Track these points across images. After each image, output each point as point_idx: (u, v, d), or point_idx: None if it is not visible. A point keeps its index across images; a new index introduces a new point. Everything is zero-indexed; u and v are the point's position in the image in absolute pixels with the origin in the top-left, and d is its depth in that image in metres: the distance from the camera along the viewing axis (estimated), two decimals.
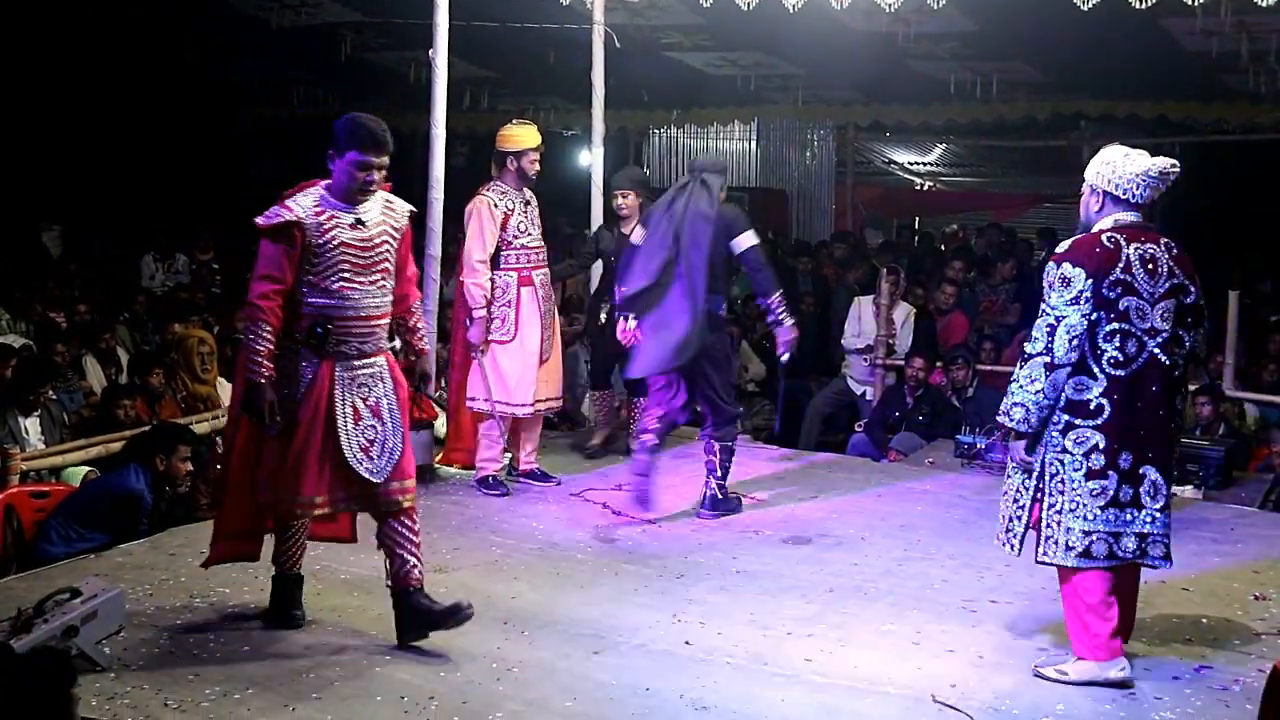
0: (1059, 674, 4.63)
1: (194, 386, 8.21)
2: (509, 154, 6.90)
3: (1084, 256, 4.48)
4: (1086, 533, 4.52)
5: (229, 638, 4.79)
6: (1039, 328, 4.51)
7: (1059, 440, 4.53)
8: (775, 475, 7.61)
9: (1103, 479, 4.51)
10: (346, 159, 4.61)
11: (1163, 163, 4.60)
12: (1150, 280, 4.50)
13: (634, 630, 4.98)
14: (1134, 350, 4.49)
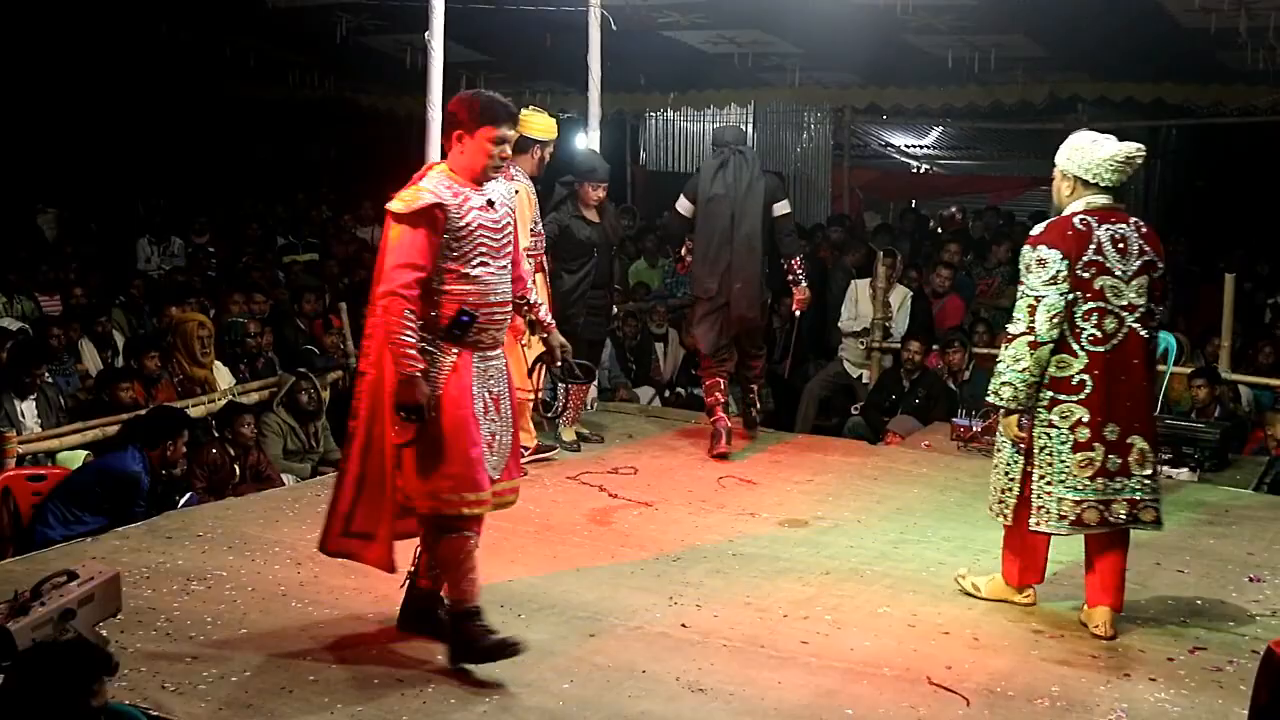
0: (974, 588, 5.19)
1: (191, 370, 8.22)
2: (536, 141, 6.93)
3: (1057, 239, 4.71)
4: (1078, 502, 4.78)
5: (226, 621, 4.80)
6: (1020, 308, 4.75)
7: (1045, 415, 4.78)
8: (771, 458, 7.62)
9: (1089, 450, 4.75)
10: (480, 135, 4.38)
11: (1129, 148, 4.83)
12: (1122, 259, 4.75)
13: (630, 613, 4.99)
14: (1113, 327, 4.73)
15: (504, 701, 4.21)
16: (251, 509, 6.32)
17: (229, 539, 5.76)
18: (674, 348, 10.80)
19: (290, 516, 6.14)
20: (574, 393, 7.74)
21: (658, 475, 7.14)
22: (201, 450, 6.95)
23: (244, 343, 9.02)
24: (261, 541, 5.73)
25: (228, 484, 7.02)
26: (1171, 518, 6.44)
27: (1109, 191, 4.82)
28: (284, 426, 7.94)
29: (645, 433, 8.16)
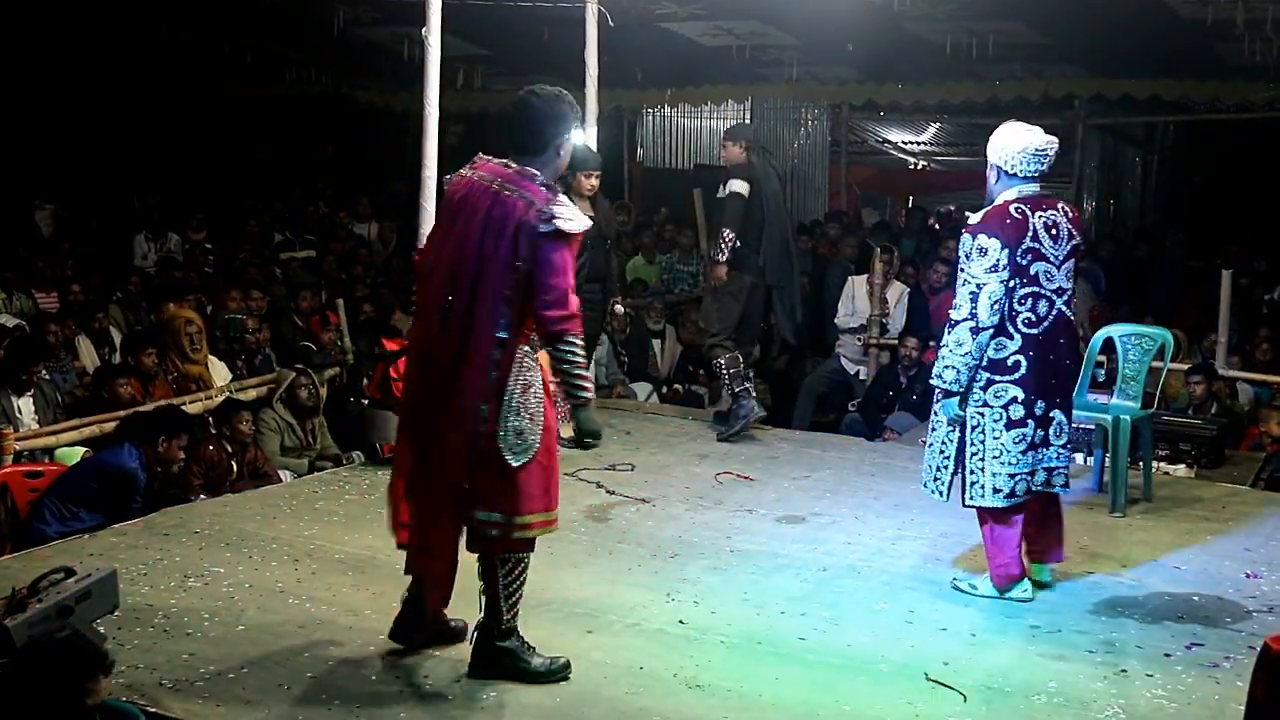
0: (970, 586, 5.25)
1: (184, 367, 8.20)
2: None
3: (997, 228, 4.94)
4: (1011, 476, 5.05)
5: (224, 617, 4.79)
6: (962, 295, 4.97)
7: (980, 395, 5.04)
8: (769, 455, 7.62)
9: (1023, 427, 5.03)
10: (569, 139, 4.28)
11: (1040, 141, 5.03)
12: (1054, 244, 5.02)
13: (628, 609, 4.99)
14: (1045, 310, 5.01)
15: (502, 698, 4.20)
16: (249, 506, 6.31)
17: (226, 536, 5.75)
18: (671, 343, 10.80)
19: (288, 513, 6.13)
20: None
21: (655, 472, 7.14)
22: (199, 447, 6.94)
23: (241, 339, 9.01)
24: (259, 538, 5.72)
25: (225, 481, 7.01)
26: (1168, 514, 6.48)
27: (1035, 180, 5.05)
28: (281, 423, 7.93)
29: (643, 429, 8.16)
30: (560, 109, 4.20)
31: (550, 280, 4.05)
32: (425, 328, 4.25)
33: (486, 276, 4.07)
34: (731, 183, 7.80)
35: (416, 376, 4.36)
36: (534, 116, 4.17)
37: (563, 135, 4.21)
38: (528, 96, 4.23)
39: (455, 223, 4.17)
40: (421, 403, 4.27)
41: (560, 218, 4.06)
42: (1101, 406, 6.77)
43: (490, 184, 4.13)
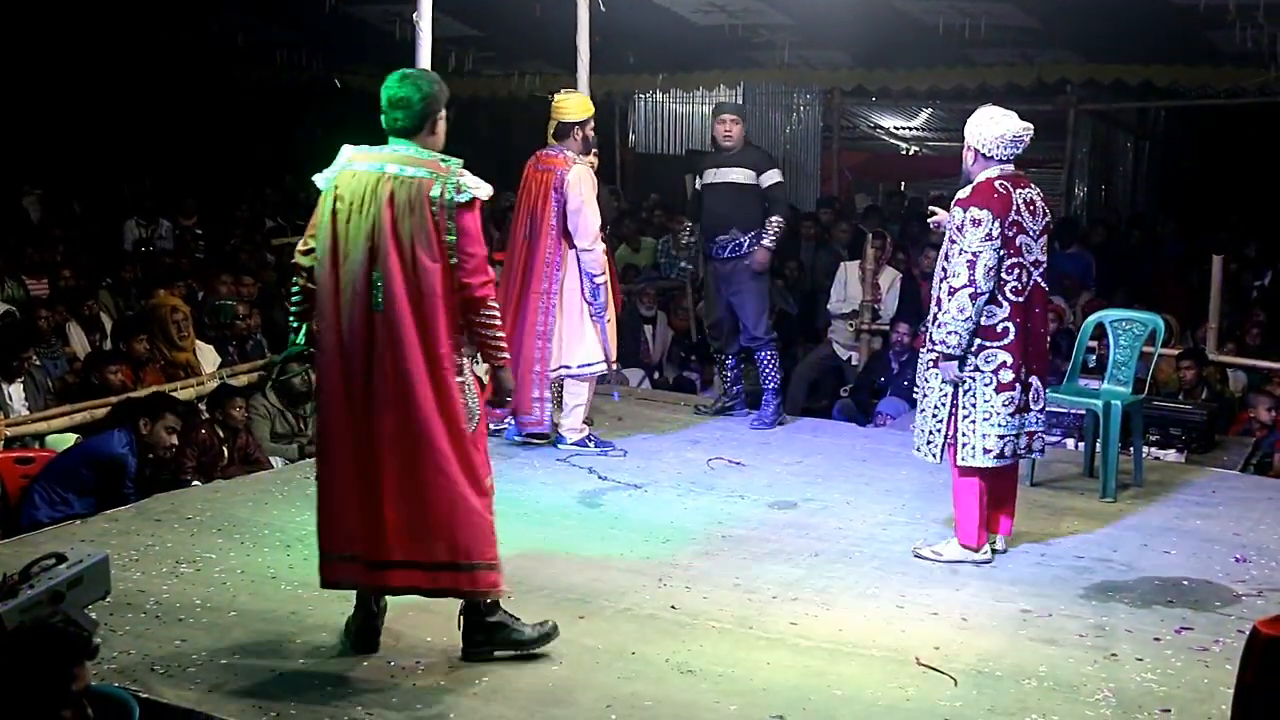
0: (934, 554, 5.49)
1: (172, 354, 8.18)
2: (575, 124, 7.04)
3: (987, 200, 5.24)
4: (1001, 437, 5.33)
5: (216, 603, 4.79)
6: (959, 264, 5.24)
7: (972, 360, 5.31)
8: (760, 440, 7.63)
9: (1011, 390, 5.32)
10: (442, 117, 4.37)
11: (1016, 127, 5.31)
12: (1033, 219, 5.35)
13: (620, 594, 5.00)
14: (1025, 280, 5.32)
15: (494, 683, 4.21)
16: (240, 491, 6.32)
17: (218, 522, 5.75)
18: (663, 329, 10.80)
19: (279, 499, 6.13)
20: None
21: (647, 457, 7.14)
22: (192, 432, 6.93)
23: (232, 325, 8.99)
24: (251, 524, 5.72)
25: (217, 466, 7.01)
26: (1158, 499, 6.51)
27: (1009, 162, 5.35)
28: (272, 410, 7.92)
29: (634, 415, 8.16)
30: (431, 88, 4.27)
31: (470, 248, 4.19)
32: (342, 317, 4.17)
33: (411, 251, 4.12)
34: (773, 173, 7.83)
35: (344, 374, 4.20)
36: (408, 98, 4.23)
37: (437, 114, 4.28)
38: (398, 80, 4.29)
39: (355, 215, 4.16)
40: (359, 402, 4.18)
41: (473, 186, 4.18)
42: (1092, 392, 6.79)
43: (383, 170, 4.18)
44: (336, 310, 4.19)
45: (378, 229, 4.13)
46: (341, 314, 4.19)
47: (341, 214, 4.19)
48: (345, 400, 4.21)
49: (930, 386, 5.46)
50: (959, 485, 5.48)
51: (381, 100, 4.27)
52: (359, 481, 4.21)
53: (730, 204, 7.81)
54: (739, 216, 7.77)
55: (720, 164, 7.87)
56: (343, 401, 4.21)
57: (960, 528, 5.50)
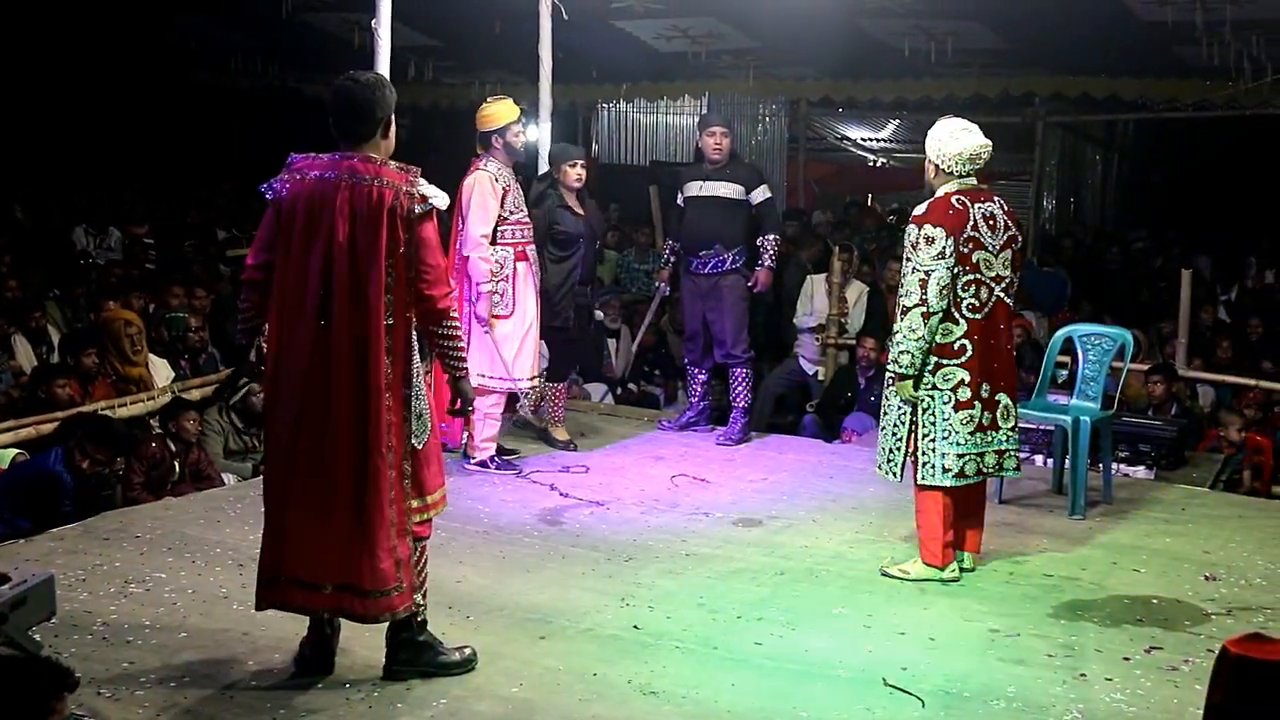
0: (901, 572, 5.51)
1: (124, 369, 8.11)
2: (492, 133, 7.04)
3: (941, 218, 5.27)
4: (960, 456, 5.37)
5: (165, 624, 4.74)
6: (911, 282, 5.29)
7: (930, 379, 5.36)
8: (725, 457, 7.63)
9: (970, 409, 5.36)
10: (392, 120, 4.34)
11: (974, 145, 5.36)
12: (993, 234, 5.37)
13: (581, 614, 4.98)
14: (985, 296, 5.35)
15: (452, 705, 4.18)
16: (191, 509, 6.26)
17: (168, 540, 5.70)
18: (626, 343, 10.79)
19: (232, 517, 6.08)
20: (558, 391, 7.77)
21: (610, 474, 7.13)
22: (142, 445, 6.87)
23: (184, 338, 8.92)
24: (202, 543, 5.67)
25: (167, 482, 6.94)
26: (1127, 516, 6.54)
27: (970, 176, 5.39)
28: (226, 425, 7.87)
29: (597, 430, 8.15)
30: (381, 92, 4.21)
31: (431, 260, 4.17)
32: (295, 334, 4.12)
33: (365, 270, 4.08)
34: (763, 189, 7.87)
35: (289, 391, 4.15)
36: (360, 102, 4.17)
37: (388, 117, 4.24)
38: (348, 85, 4.20)
39: (306, 226, 4.10)
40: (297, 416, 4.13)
41: (432, 196, 4.16)
42: (1061, 407, 6.83)
43: (337, 179, 4.11)
44: (280, 326, 4.15)
45: (331, 241, 4.08)
46: (285, 330, 4.14)
47: (293, 226, 4.13)
48: (285, 420, 4.17)
49: (891, 404, 5.49)
50: (920, 503, 5.50)
51: (331, 104, 4.20)
52: (294, 501, 4.17)
53: (716, 220, 7.82)
54: (725, 233, 7.78)
55: (707, 177, 7.88)
56: (283, 421, 4.18)
57: (923, 546, 5.52)
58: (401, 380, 4.17)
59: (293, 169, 4.20)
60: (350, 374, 4.10)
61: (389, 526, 4.13)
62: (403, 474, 4.19)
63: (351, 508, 4.13)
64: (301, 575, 4.19)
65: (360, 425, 4.10)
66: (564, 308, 7.56)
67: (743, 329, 7.90)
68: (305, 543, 4.17)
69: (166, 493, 6.81)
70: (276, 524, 4.22)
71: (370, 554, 4.12)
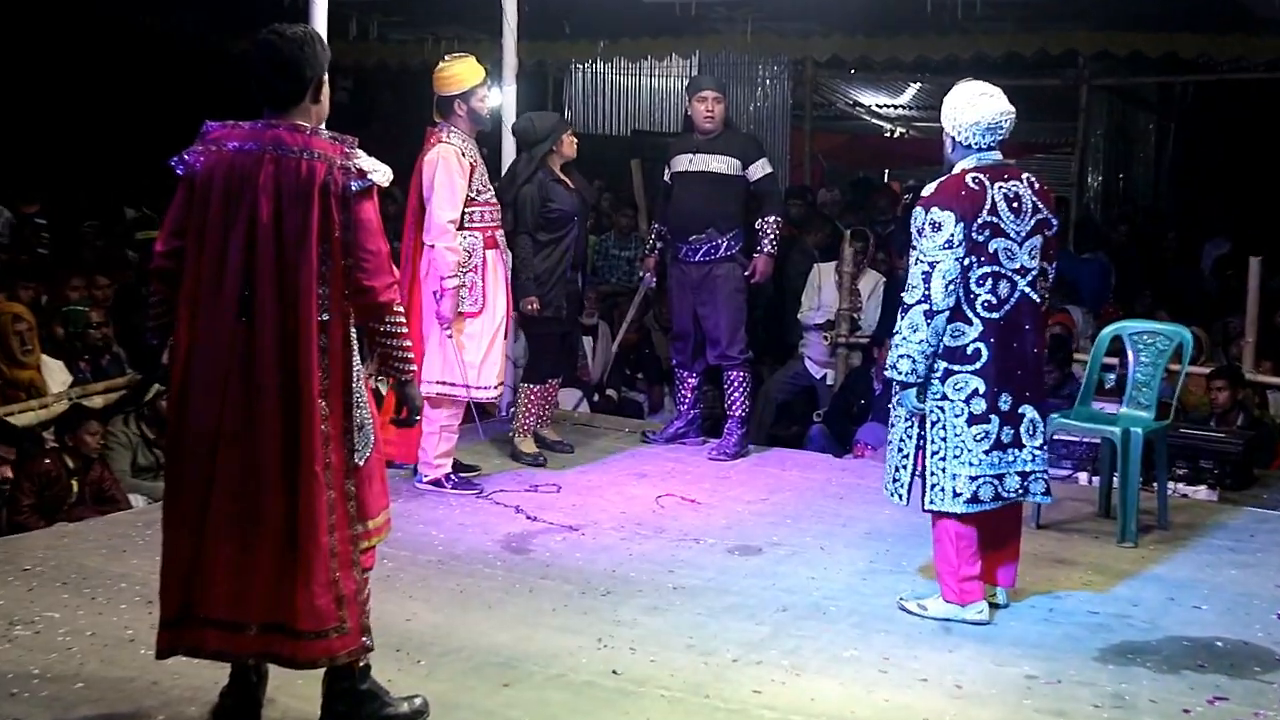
0: (920, 608, 5.49)
1: (12, 372, 8.06)
2: (454, 97, 7.03)
3: (951, 200, 5.19)
4: (973, 478, 5.29)
5: (59, 672, 4.71)
6: (914, 275, 5.22)
7: (939, 388, 5.29)
8: (718, 473, 7.63)
9: (985, 423, 5.27)
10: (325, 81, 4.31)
11: (994, 112, 5.27)
12: (1016, 219, 5.27)
13: (551, 658, 4.97)
14: (1006, 292, 5.27)
15: None
16: (92, 536, 6.23)
17: (63, 573, 5.67)
18: (605, 343, 10.79)
19: (140, 545, 6.03)
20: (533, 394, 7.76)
21: (584, 494, 7.13)
22: (33, 460, 6.83)
23: (84, 334, 8.87)
24: (104, 576, 5.65)
25: (63, 504, 6.91)
26: (1186, 544, 6.56)
27: (993, 149, 5.32)
28: (134, 438, 7.83)
29: (570, 443, 8.14)
30: (311, 48, 4.18)
31: (371, 244, 4.13)
32: (211, 331, 4.10)
33: (293, 256, 4.06)
34: (762, 163, 7.91)
35: (203, 399, 4.11)
36: (287, 61, 4.14)
37: (320, 78, 4.21)
38: (271, 39, 4.15)
39: (224, 206, 4.07)
40: (214, 428, 4.09)
41: (371, 170, 4.12)
42: (1109, 417, 6.84)
43: (260, 151, 4.08)
44: (192, 320, 4.10)
45: (254, 222, 4.05)
46: (198, 326, 4.09)
47: (209, 205, 4.09)
48: (198, 432, 4.11)
49: (897, 415, 5.47)
50: (935, 531, 5.48)
51: (253, 63, 4.16)
52: (210, 527, 4.11)
53: (708, 199, 7.84)
54: (718, 214, 7.81)
55: (697, 150, 7.90)
56: (195, 433, 4.12)
57: (941, 581, 5.49)
58: (340, 385, 4.14)
59: (207, 139, 4.15)
60: (277, 379, 4.06)
61: (327, 557, 4.09)
62: (345, 495, 4.15)
63: (280, 535, 4.08)
64: (220, 614, 4.14)
65: (290, 439, 4.06)
66: (555, 296, 7.58)
67: (739, 326, 7.91)
68: (224, 576, 4.11)
69: (62, 517, 6.77)
70: (183, 553, 4.14)
71: (305, 588, 4.07)
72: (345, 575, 4.13)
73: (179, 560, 4.16)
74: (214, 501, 4.10)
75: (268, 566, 4.09)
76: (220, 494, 4.10)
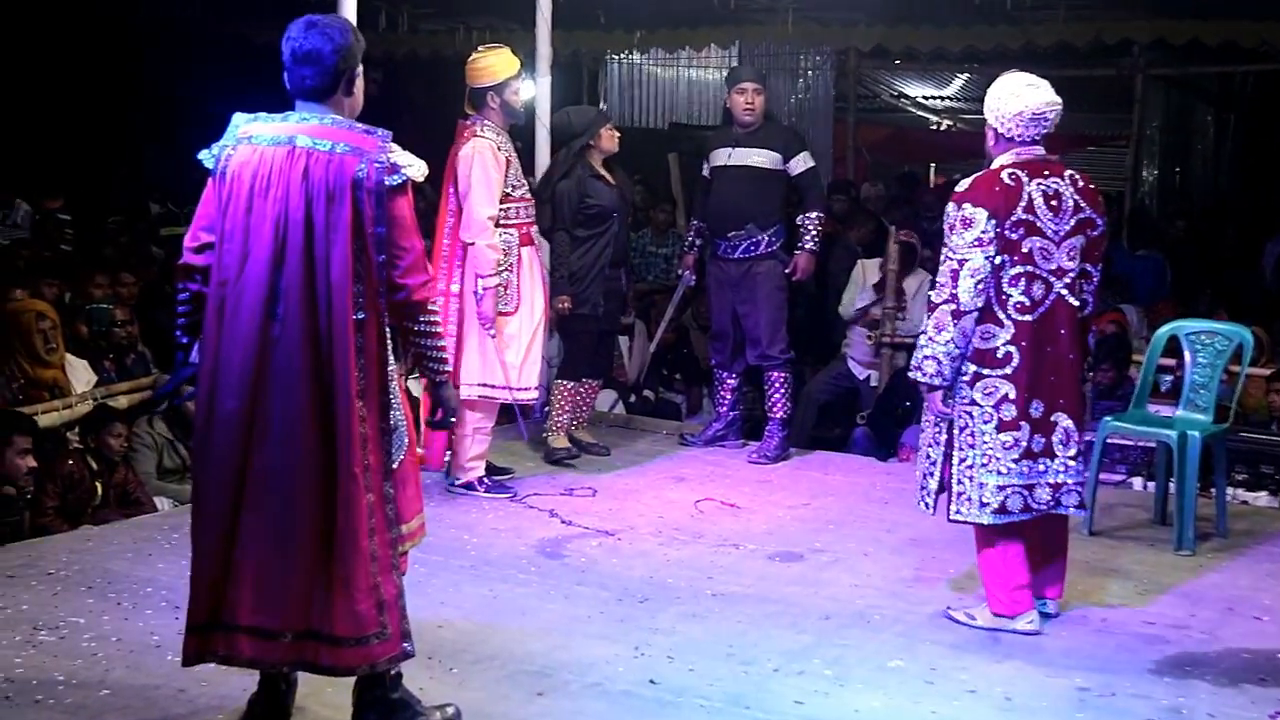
0: (968, 617, 5.47)
1: (35, 371, 8.11)
2: (487, 89, 7.05)
3: (984, 196, 5.16)
4: (1001, 487, 5.25)
5: (84, 679, 4.74)
6: (942, 273, 5.21)
7: (967, 392, 5.26)
8: (759, 477, 7.63)
9: (1015, 430, 5.24)
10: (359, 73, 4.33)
11: (1038, 103, 5.24)
12: (1055, 218, 5.22)
13: (587, 667, 4.98)
14: (1040, 293, 5.21)
15: None
16: (117, 539, 6.27)
17: (88, 577, 5.70)
18: (642, 342, 10.79)
19: (166, 549, 6.08)
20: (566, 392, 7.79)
21: (621, 498, 7.14)
22: (56, 462, 6.88)
23: (109, 333, 8.93)
24: (129, 580, 5.68)
25: (87, 506, 6.96)
26: (1246, 552, 6.53)
27: (1036, 143, 5.29)
28: (159, 439, 7.88)
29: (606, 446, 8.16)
30: (344, 39, 4.19)
31: (405, 241, 4.15)
32: (240, 330, 4.11)
33: (325, 253, 4.07)
34: (803, 156, 7.93)
35: (231, 402, 4.12)
36: (317, 52, 4.15)
37: (354, 70, 4.23)
38: (303, 30, 4.18)
39: (254, 201, 4.09)
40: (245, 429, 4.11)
41: (405, 165, 4.13)
42: (1165, 420, 6.81)
43: (292, 144, 4.10)
44: (221, 320, 4.12)
45: (285, 219, 4.07)
46: (227, 325, 4.11)
47: (239, 200, 4.12)
48: (228, 437, 4.12)
49: (927, 419, 5.47)
50: (978, 541, 5.45)
51: (284, 54, 4.18)
52: (242, 531, 4.13)
53: (749, 194, 7.85)
54: (759, 210, 7.82)
55: (737, 143, 7.91)
56: (225, 438, 4.13)
57: (988, 591, 5.46)
58: (377, 386, 4.16)
59: (237, 133, 4.19)
60: (309, 379, 4.08)
61: (368, 561, 4.11)
62: (384, 498, 4.17)
63: (319, 539, 4.10)
64: (252, 620, 4.16)
65: (326, 440, 4.08)
66: (592, 293, 7.61)
67: (780, 325, 7.90)
68: (256, 581, 4.13)
69: (86, 520, 6.82)
70: (212, 557, 4.16)
71: (345, 593, 4.09)
72: (386, 579, 4.14)
73: (208, 564, 4.18)
74: (245, 505, 4.13)
75: (303, 572, 4.11)
76: (252, 498, 4.12)
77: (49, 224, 12.23)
